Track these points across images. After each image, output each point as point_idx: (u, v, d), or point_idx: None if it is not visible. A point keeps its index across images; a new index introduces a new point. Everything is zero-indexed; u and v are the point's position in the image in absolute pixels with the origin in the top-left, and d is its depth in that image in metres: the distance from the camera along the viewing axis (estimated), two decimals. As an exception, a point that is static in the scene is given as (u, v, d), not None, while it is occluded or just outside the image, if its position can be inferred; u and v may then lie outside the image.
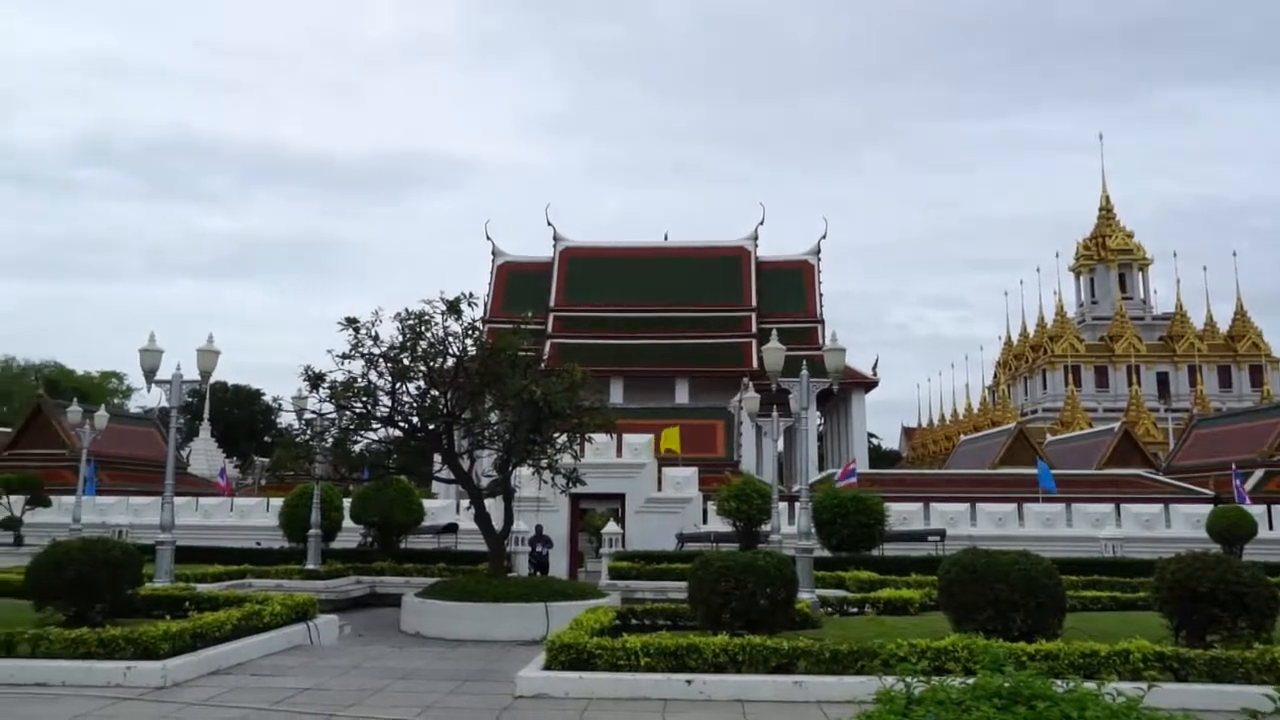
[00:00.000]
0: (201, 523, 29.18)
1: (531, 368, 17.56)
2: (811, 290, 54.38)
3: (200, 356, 16.39)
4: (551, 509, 25.19)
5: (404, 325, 16.63)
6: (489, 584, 16.10)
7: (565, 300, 53.96)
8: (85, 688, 9.89)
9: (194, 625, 11.25)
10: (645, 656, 9.90)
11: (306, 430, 18.71)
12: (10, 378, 74.48)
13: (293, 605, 13.54)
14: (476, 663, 12.44)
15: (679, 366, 51.08)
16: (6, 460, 38.99)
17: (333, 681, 10.70)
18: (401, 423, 17.21)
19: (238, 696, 9.71)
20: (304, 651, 12.95)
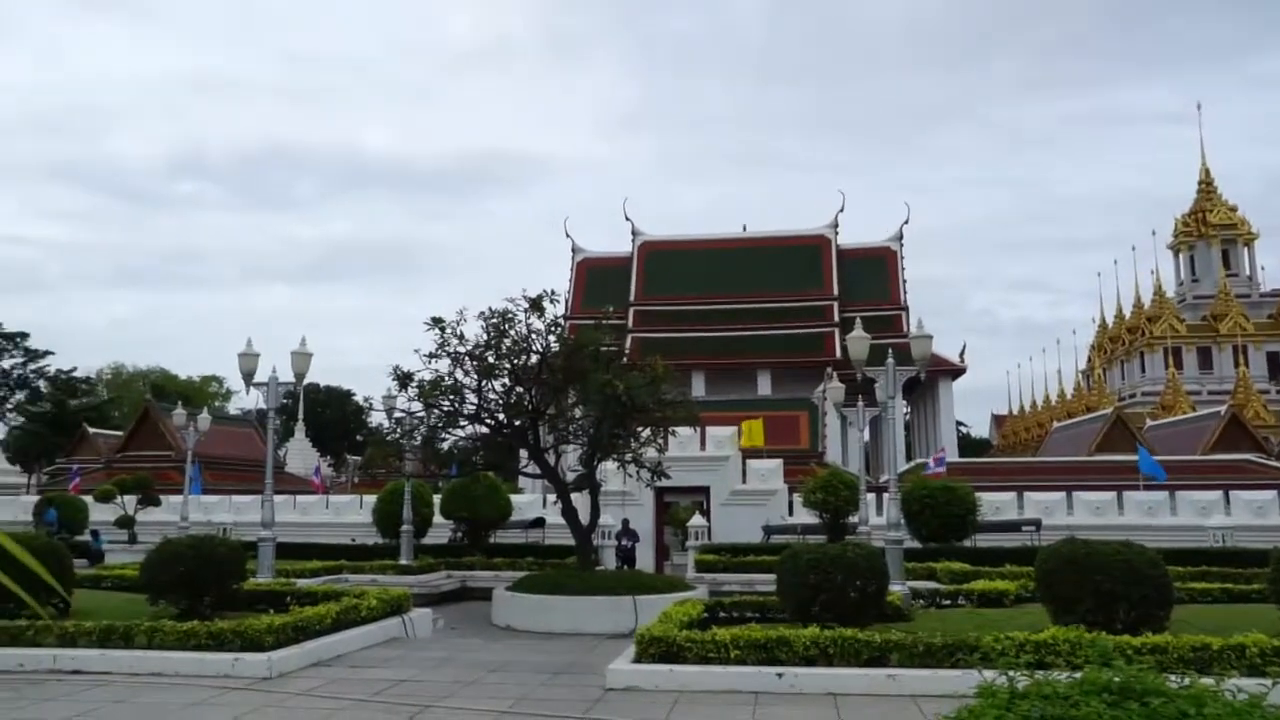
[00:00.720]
0: (299, 520, 30.13)
1: (614, 363, 17.64)
2: (894, 277, 53.36)
3: (294, 359, 16.93)
4: (636, 503, 25.30)
5: (488, 323, 16.89)
6: (577, 577, 16.25)
7: (645, 294, 54.05)
8: (197, 677, 10.32)
9: (295, 619, 11.63)
10: (735, 649, 9.87)
11: (396, 429, 19.16)
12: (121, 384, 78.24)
13: (388, 599, 13.88)
14: (566, 655, 12.57)
15: (761, 358, 50.72)
16: (119, 462, 40.96)
17: (428, 674, 10.94)
18: (488, 419, 17.49)
19: (338, 688, 10.00)
20: (399, 644, 13.27)
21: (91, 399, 67.18)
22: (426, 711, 8.91)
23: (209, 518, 30.30)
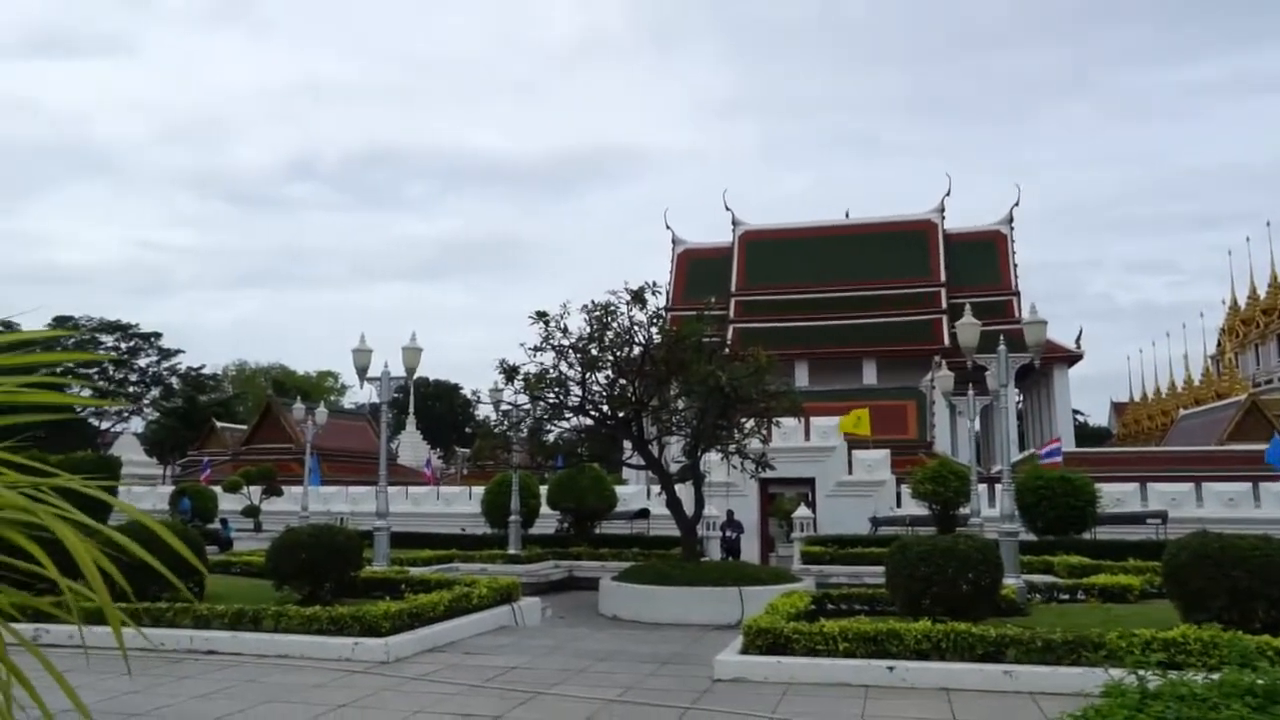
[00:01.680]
0: (411, 510, 31.07)
1: (716, 353, 17.59)
2: (1005, 261, 51.61)
3: (405, 354, 17.43)
4: (741, 494, 25.18)
5: (591, 316, 17.06)
6: (683, 568, 16.28)
7: (746, 284, 53.69)
8: (320, 660, 10.76)
9: (411, 605, 12.01)
10: (844, 642, 9.73)
11: (504, 421, 19.54)
12: (244, 380, 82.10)
13: (498, 588, 14.19)
14: (673, 645, 12.61)
15: (865, 347, 49.78)
16: (245, 454, 43.04)
17: (538, 661, 11.14)
18: (592, 411, 17.67)
19: (452, 673, 10.28)
20: (509, 632, 13.55)
21: (219, 394, 70.80)
22: (538, 698, 9.07)
23: (327, 507, 31.53)
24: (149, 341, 73.61)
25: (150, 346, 73.84)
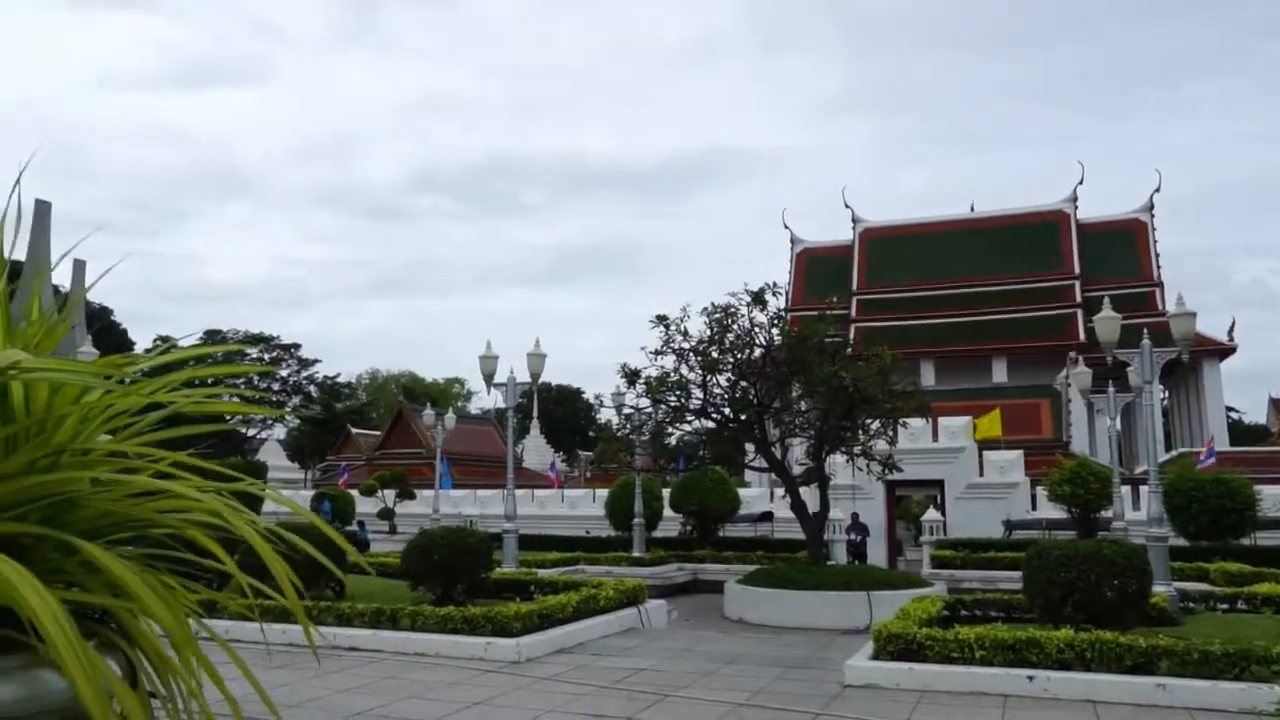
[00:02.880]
0: (537, 513, 31.71)
1: (839, 354, 17.32)
2: (1145, 251, 48.88)
3: (530, 360, 17.81)
4: (866, 496, 24.68)
5: (711, 319, 17.05)
6: (809, 572, 16.08)
7: (867, 283, 52.60)
8: (454, 659, 11.09)
9: (540, 607, 12.24)
10: (980, 649, 9.41)
11: (626, 425, 19.72)
12: (377, 387, 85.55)
13: (624, 590, 14.31)
14: (801, 650, 12.46)
15: (994, 344, 47.99)
16: (379, 459, 44.80)
17: (665, 663, 11.18)
18: (713, 414, 17.65)
19: (581, 674, 10.42)
20: (636, 634, 13.64)
21: (354, 402, 73.94)
22: (666, 700, 9.11)
23: (457, 510, 32.51)
24: (289, 352, 77.55)
25: (290, 357, 77.78)
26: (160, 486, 1.25)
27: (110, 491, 1.22)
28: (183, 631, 1.14)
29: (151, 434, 1.34)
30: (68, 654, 0.95)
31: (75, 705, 1.10)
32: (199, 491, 1.25)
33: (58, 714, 1.08)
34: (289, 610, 1.36)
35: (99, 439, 1.27)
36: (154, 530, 1.35)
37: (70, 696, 1.08)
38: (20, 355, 1.08)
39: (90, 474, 1.20)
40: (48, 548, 1.20)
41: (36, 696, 1.05)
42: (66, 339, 1.40)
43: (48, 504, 1.15)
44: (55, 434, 1.17)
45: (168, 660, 1.26)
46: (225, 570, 1.39)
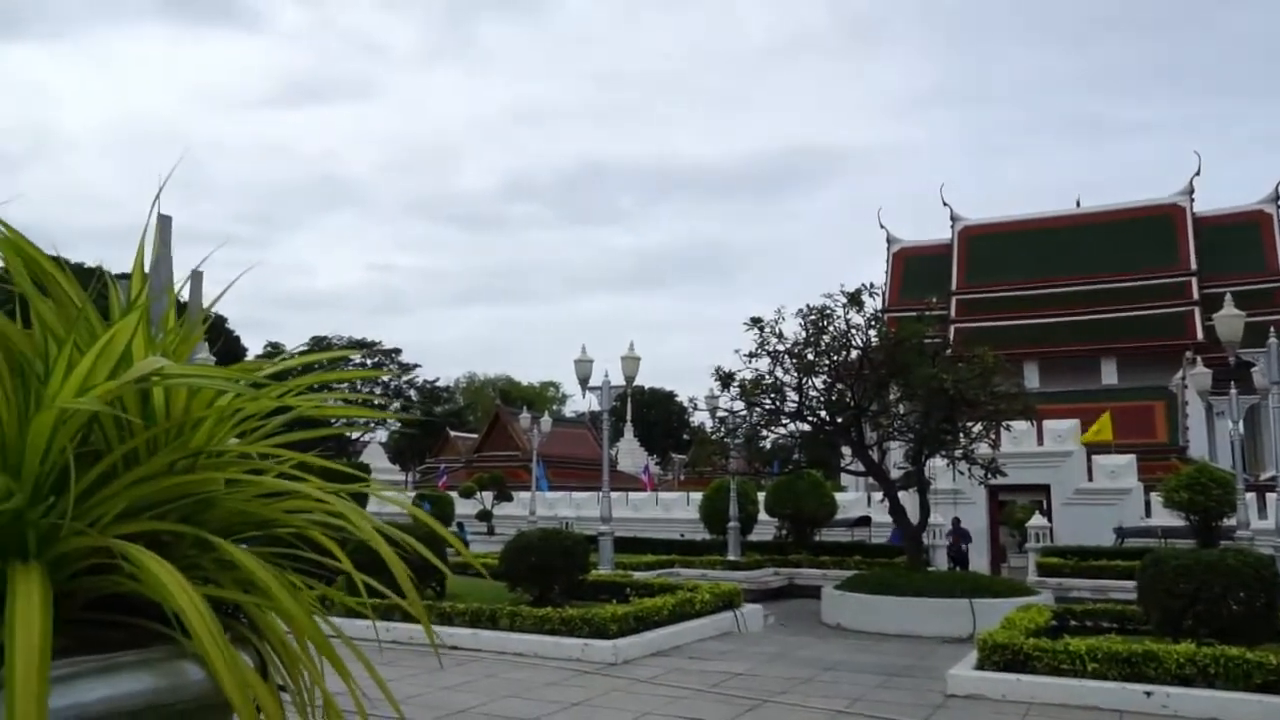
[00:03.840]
0: (631, 515, 31.85)
1: (939, 355, 16.92)
2: (1271, 244, 46.25)
3: (624, 363, 17.94)
4: (968, 501, 24.03)
5: (806, 320, 16.87)
6: (908, 578, 15.74)
7: (967, 282, 51.22)
8: (551, 659, 11.23)
9: (636, 609, 12.29)
10: (1092, 662, 9.04)
11: (720, 428, 19.66)
12: (473, 391, 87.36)
13: (720, 594, 14.27)
14: (901, 658, 12.21)
15: (1103, 344, 46.13)
16: (477, 461, 45.74)
17: (762, 668, 11.10)
18: (809, 417, 17.45)
19: (678, 677, 10.43)
20: (732, 638, 13.58)
21: (451, 405, 75.67)
22: (764, 706, 9.04)
23: (553, 512, 32.91)
24: (390, 357, 79.85)
25: (391, 361, 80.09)
26: (288, 487, 1.30)
27: (242, 492, 1.27)
28: (313, 628, 1.19)
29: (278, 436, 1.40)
30: (211, 648, 0.99)
31: (213, 696, 1.15)
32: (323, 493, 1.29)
33: (195, 703, 1.13)
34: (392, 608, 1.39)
35: (229, 442, 1.33)
36: (279, 529, 1.40)
37: (207, 688, 1.13)
38: (163, 362, 1.13)
39: (224, 475, 1.25)
40: (185, 545, 1.26)
41: (178, 687, 1.10)
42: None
43: (186, 504, 1.20)
44: (193, 437, 1.23)
45: (294, 654, 1.31)
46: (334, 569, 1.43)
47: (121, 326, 1.19)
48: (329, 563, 1.43)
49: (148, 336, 1.31)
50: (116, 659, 1.06)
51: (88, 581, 1.14)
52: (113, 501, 1.11)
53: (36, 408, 1.10)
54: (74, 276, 1.33)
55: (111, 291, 1.39)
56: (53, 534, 1.08)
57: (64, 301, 1.26)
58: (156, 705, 1.07)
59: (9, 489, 1.02)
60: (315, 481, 1.39)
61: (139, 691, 1.05)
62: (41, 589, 0.96)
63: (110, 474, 1.16)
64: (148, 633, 1.17)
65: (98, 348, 1.14)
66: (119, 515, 1.12)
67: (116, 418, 1.19)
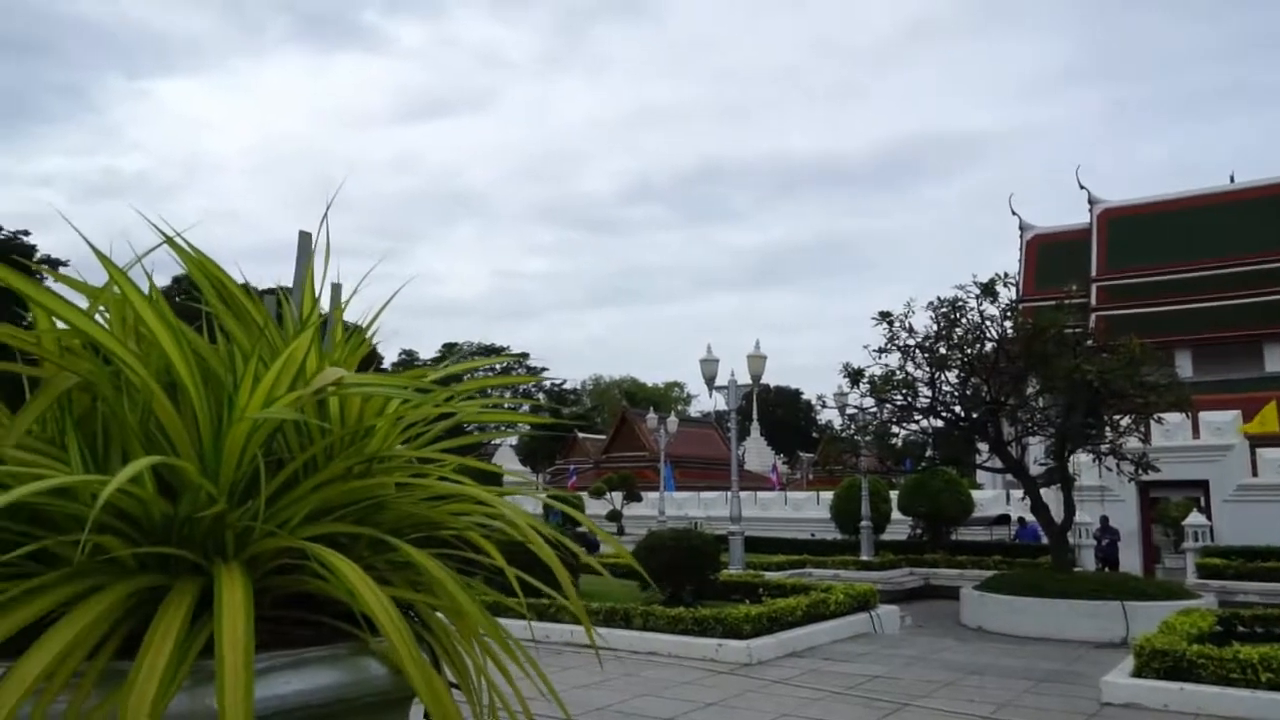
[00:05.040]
0: (760, 515, 31.62)
1: (1080, 345, 16.12)
2: None
3: (750, 362, 17.83)
4: (1116, 498, 22.81)
5: (937, 313, 16.37)
6: (1053, 579, 15.07)
7: (1108, 268, 48.65)
8: (685, 658, 11.26)
9: (769, 609, 12.21)
10: (1266, 671, 8.44)
11: (849, 425, 19.29)
12: (599, 393, 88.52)
13: (854, 594, 14.02)
14: (1048, 662, 11.71)
15: (1266, 329, 42.96)
16: (604, 462, 46.33)
17: (901, 671, 10.84)
18: (943, 412, 16.93)
19: (813, 679, 10.29)
20: (868, 640, 13.31)
21: (579, 407, 76.89)
22: (904, 709, 8.82)
23: (681, 512, 33.00)
24: (519, 361, 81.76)
25: (519, 365, 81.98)
26: (454, 490, 1.35)
27: (410, 495, 1.33)
28: (492, 626, 1.23)
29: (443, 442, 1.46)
30: (401, 646, 1.04)
31: (393, 691, 1.21)
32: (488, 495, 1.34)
33: (377, 697, 1.20)
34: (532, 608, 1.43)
35: (395, 447, 1.40)
36: (443, 531, 1.46)
37: (388, 683, 1.19)
38: (342, 372, 1.20)
39: (395, 479, 1.31)
40: (360, 546, 1.32)
41: (362, 681, 1.16)
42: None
43: (361, 507, 1.27)
44: (369, 443, 1.30)
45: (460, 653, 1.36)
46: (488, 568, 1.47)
47: (300, 342, 1.26)
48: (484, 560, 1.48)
49: (319, 350, 1.39)
50: (305, 654, 1.13)
51: (275, 581, 1.21)
52: (299, 505, 1.18)
53: (229, 418, 1.18)
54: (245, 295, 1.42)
55: (285, 308, 1.48)
56: (246, 536, 1.15)
57: (246, 318, 1.35)
58: (343, 699, 1.13)
59: (211, 495, 1.10)
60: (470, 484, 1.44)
61: (328, 685, 1.11)
62: (243, 586, 1.04)
63: (292, 480, 1.23)
64: (329, 629, 1.24)
65: (280, 361, 1.21)
66: (304, 518, 1.20)
67: (297, 426, 1.26)
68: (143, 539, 1.10)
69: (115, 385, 1.19)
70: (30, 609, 0.99)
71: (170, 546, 1.10)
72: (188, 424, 1.20)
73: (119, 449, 1.21)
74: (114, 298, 1.28)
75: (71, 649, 0.94)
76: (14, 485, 1.07)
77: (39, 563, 1.09)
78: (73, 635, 0.95)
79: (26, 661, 0.91)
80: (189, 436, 1.19)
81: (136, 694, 0.91)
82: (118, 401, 1.18)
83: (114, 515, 1.03)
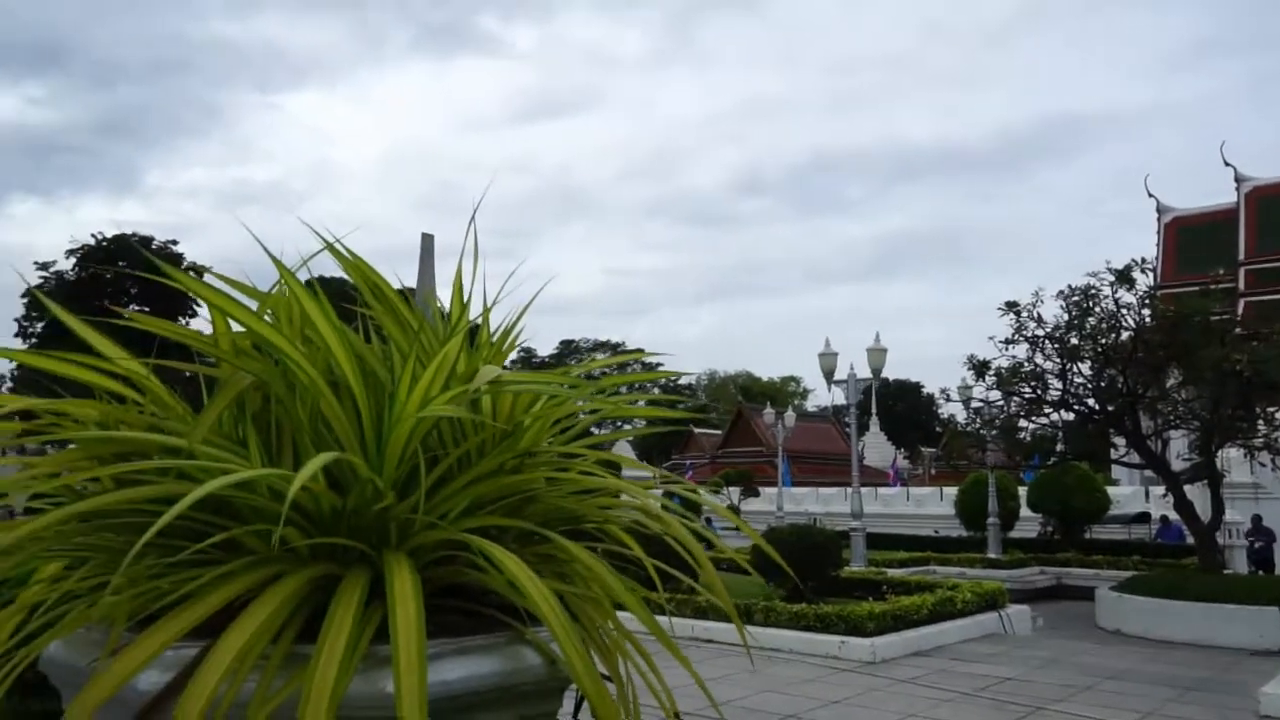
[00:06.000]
0: (880, 511, 30.96)
1: (1228, 334, 15.17)
2: None
3: (870, 355, 17.50)
4: (1271, 496, 21.41)
5: (1068, 302, 15.68)
6: (1201, 581, 14.25)
7: (1259, 250, 45.52)
8: (807, 655, 11.14)
9: (893, 607, 11.96)
10: None
11: (974, 419, 18.71)
12: (714, 388, 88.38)
13: (982, 593, 13.61)
14: (1196, 669, 11.08)
15: None
16: (721, 457, 46.26)
17: (1034, 673, 10.46)
18: (1075, 405, 16.22)
19: (941, 679, 10.03)
20: (997, 640, 12.89)
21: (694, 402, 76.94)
22: (1040, 713, 8.52)
23: (800, 507, 32.65)
24: (637, 358, 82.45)
25: (634, 362, 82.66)
26: (601, 484, 1.38)
27: (559, 489, 1.37)
28: (650, 619, 1.25)
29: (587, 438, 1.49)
30: (564, 638, 1.07)
31: (548, 681, 1.25)
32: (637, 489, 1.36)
33: (533, 686, 1.23)
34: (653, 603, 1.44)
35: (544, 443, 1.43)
36: (586, 524, 1.49)
37: (543, 673, 1.23)
38: (499, 370, 1.24)
39: (544, 474, 1.35)
40: (508, 539, 1.36)
41: (520, 670, 1.20)
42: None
43: (512, 500, 1.31)
44: (522, 439, 1.34)
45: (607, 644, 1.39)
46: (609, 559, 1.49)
47: (453, 344, 1.31)
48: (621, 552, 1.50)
49: (467, 351, 1.44)
50: (467, 642, 1.17)
51: (434, 571, 1.26)
52: (456, 499, 1.23)
53: (390, 415, 1.24)
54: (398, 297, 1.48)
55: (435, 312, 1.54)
56: (407, 528, 1.21)
57: (402, 320, 1.41)
58: (503, 686, 1.17)
59: (378, 488, 1.16)
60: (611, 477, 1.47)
61: (489, 673, 1.16)
62: (412, 573, 1.09)
63: (446, 475, 1.28)
64: (483, 619, 1.28)
65: (436, 361, 1.26)
66: (461, 512, 1.24)
67: (451, 423, 1.31)
68: (314, 530, 1.17)
69: (287, 384, 1.26)
70: (221, 594, 1.06)
71: (340, 537, 1.15)
72: (351, 421, 1.26)
73: (289, 445, 1.29)
74: (281, 301, 1.36)
75: (261, 633, 1.00)
76: (203, 478, 1.15)
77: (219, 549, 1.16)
78: (263, 619, 1.01)
79: (224, 643, 0.97)
80: (353, 433, 1.25)
81: (319, 676, 0.96)
82: (290, 400, 1.25)
83: (290, 507, 1.09)
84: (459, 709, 1.11)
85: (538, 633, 1.25)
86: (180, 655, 1.04)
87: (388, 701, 1.05)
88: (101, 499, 1.15)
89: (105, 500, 1.14)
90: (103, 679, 0.94)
